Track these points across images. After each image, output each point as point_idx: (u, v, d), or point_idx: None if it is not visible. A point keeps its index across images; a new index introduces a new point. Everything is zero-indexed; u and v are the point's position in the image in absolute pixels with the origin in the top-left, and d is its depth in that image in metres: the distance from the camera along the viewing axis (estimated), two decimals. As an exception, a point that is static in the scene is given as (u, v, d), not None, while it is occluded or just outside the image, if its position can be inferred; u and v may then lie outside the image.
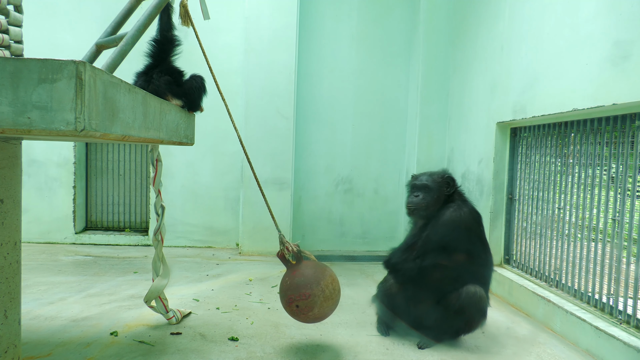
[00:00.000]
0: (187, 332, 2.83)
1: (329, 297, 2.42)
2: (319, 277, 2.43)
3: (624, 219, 2.66)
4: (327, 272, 2.50)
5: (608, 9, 2.62)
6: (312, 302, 2.39)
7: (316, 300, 2.39)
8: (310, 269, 2.48)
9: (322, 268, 2.52)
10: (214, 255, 5.06)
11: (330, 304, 2.46)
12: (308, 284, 2.40)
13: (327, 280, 2.44)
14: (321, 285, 2.40)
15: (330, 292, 2.43)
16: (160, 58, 2.61)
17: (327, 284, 2.43)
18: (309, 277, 2.43)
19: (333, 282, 2.48)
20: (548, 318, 3.11)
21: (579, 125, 3.12)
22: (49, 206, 5.32)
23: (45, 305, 3.22)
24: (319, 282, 2.41)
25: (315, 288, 2.39)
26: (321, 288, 2.40)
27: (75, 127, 1.27)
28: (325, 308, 2.45)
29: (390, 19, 5.47)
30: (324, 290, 2.41)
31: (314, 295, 2.38)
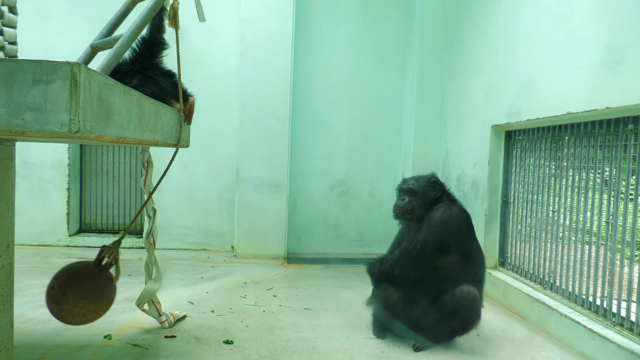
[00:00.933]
0: (181, 335, 2.82)
1: (74, 313, 2.21)
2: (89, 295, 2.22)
3: (618, 222, 2.68)
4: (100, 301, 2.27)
5: (602, 13, 2.64)
6: (59, 300, 2.19)
7: (64, 302, 2.19)
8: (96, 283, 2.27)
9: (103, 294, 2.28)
10: (209, 257, 5.04)
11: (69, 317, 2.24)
12: (77, 287, 2.21)
13: (90, 305, 2.23)
14: (82, 300, 2.20)
15: (78, 312, 2.21)
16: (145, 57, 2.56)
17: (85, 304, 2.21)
18: (86, 285, 2.23)
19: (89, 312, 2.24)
20: (543, 321, 3.12)
21: (573, 129, 3.14)
22: (42, 208, 5.28)
23: (38, 308, 3.19)
24: (84, 296, 2.21)
25: (76, 296, 2.19)
26: (77, 302, 2.19)
27: (70, 129, 1.26)
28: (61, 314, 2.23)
29: (386, 22, 5.49)
30: (77, 306, 2.19)
31: (67, 298, 2.18)
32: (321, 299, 3.70)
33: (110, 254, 2.35)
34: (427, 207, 2.85)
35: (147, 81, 2.42)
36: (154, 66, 2.56)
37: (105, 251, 2.35)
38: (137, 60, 2.52)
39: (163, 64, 2.68)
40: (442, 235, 2.68)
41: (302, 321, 3.17)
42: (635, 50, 2.38)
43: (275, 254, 5.13)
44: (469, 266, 2.75)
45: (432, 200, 2.86)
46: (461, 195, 4.52)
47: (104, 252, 2.35)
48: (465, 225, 2.78)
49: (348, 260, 5.25)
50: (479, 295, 2.73)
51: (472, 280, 2.73)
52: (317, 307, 3.50)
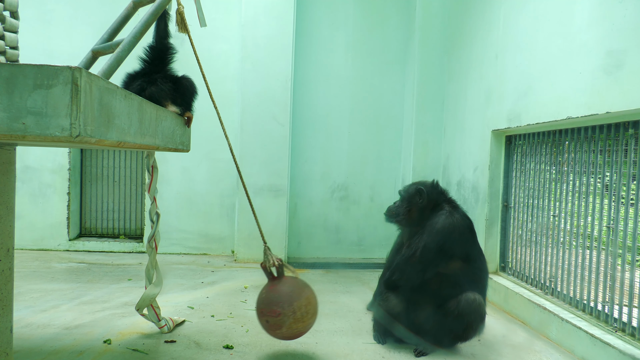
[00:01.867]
0: (181, 340, 2.81)
1: (299, 319, 2.37)
2: (293, 298, 2.39)
3: (619, 227, 2.67)
4: (304, 294, 2.44)
5: (601, 18, 2.65)
6: (281, 321, 2.35)
7: (285, 320, 2.35)
8: (287, 287, 2.44)
9: (299, 288, 2.47)
10: (209, 262, 5.03)
11: (301, 326, 2.41)
12: (280, 302, 2.37)
13: (301, 301, 2.39)
14: (293, 306, 2.36)
15: (301, 314, 2.37)
16: (155, 64, 2.60)
17: (300, 305, 2.38)
18: (284, 295, 2.39)
19: (308, 305, 2.42)
20: (544, 326, 3.10)
21: (573, 134, 3.15)
22: (42, 213, 5.28)
23: (37, 313, 3.19)
24: (291, 302, 2.37)
25: (287, 308, 2.35)
26: (293, 309, 2.35)
27: (71, 133, 1.26)
28: (294, 329, 2.40)
29: (386, 27, 5.51)
30: (295, 312, 2.35)
31: (284, 314, 2.34)
32: (321, 304, 3.66)
33: (270, 262, 2.54)
34: (417, 212, 2.85)
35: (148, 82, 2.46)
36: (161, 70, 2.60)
37: (267, 264, 2.54)
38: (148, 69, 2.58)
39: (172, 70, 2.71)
40: (444, 242, 2.66)
41: (302, 326, 3.15)
42: (634, 55, 2.39)
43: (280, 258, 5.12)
44: (472, 272, 2.74)
45: (421, 206, 2.85)
46: (462, 199, 4.52)
47: (267, 266, 2.55)
48: (468, 231, 2.76)
49: (348, 265, 5.23)
50: (483, 302, 2.73)
51: (475, 286, 2.72)
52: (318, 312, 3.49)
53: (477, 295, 2.68)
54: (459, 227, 2.70)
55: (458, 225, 2.70)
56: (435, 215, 2.77)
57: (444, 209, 2.79)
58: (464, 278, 2.70)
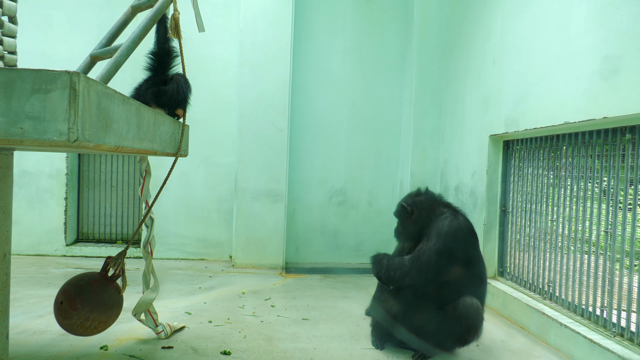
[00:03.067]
0: (178, 346, 2.79)
1: (85, 326, 2.22)
2: (99, 308, 2.23)
3: (617, 232, 2.68)
4: (109, 313, 2.29)
5: (598, 24, 2.67)
6: (70, 315, 2.19)
7: (74, 317, 2.19)
8: (105, 295, 2.28)
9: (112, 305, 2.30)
10: (206, 267, 5.02)
11: (80, 331, 2.24)
12: (87, 300, 2.21)
13: (100, 316, 2.24)
14: (92, 314, 2.21)
15: (89, 325, 2.22)
16: (158, 70, 2.61)
17: (96, 318, 2.22)
18: (95, 299, 2.23)
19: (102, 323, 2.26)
20: (542, 331, 3.10)
21: (570, 138, 3.16)
22: (39, 218, 5.26)
23: (34, 318, 3.16)
24: (94, 309, 2.21)
25: (86, 310, 2.19)
26: (88, 315, 2.20)
27: (69, 138, 1.26)
28: (73, 328, 2.23)
29: (384, 33, 5.53)
30: (88, 319, 2.20)
31: (78, 313, 2.18)
32: (320, 309, 3.68)
33: (116, 265, 2.38)
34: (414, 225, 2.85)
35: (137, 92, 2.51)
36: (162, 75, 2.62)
37: (111, 262, 2.37)
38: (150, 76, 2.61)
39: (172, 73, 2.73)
40: (452, 245, 2.65)
41: (300, 332, 3.15)
42: (631, 60, 2.40)
43: (273, 263, 5.11)
44: (472, 276, 2.74)
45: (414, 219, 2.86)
46: (460, 204, 4.51)
47: (109, 264, 2.36)
48: (471, 234, 2.77)
49: (347, 269, 5.22)
50: (482, 306, 2.72)
51: (474, 291, 2.72)
52: (316, 317, 3.48)
53: (475, 299, 2.67)
54: (464, 229, 2.70)
55: (463, 227, 2.70)
56: (438, 220, 2.74)
57: (445, 213, 2.78)
58: (463, 282, 2.69)
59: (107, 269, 2.38)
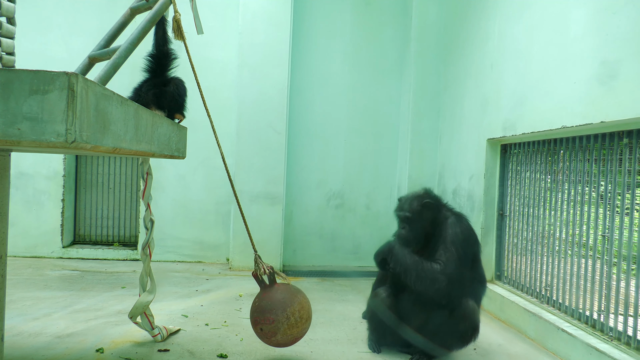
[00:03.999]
0: (174, 349, 2.78)
1: (293, 324, 2.40)
2: (286, 304, 2.42)
3: (614, 236, 2.68)
4: (297, 299, 2.47)
5: (595, 29, 2.68)
6: (275, 328, 2.38)
7: (279, 326, 2.38)
8: (280, 294, 2.47)
9: (292, 294, 2.49)
10: (203, 270, 5.00)
11: (295, 331, 2.44)
12: (274, 309, 2.40)
13: (294, 307, 2.42)
14: (287, 312, 2.39)
15: (295, 320, 2.41)
16: (157, 72, 2.62)
17: (293, 311, 2.41)
18: (276, 302, 2.42)
19: (301, 310, 2.45)
20: (540, 335, 3.10)
21: (568, 143, 3.16)
22: (36, 219, 5.24)
23: (29, 321, 3.15)
24: (285, 308, 2.40)
25: (280, 314, 2.38)
26: (286, 315, 2.39)
27: (66, 139, 1.26)
28: (288, 335, 2.42)
29: (382, 36, 5.55)
30: (289, 318, 2.39)
31: (277, 321, 2.37)
32: (316, 313, 3.67)
33: (261, 270, 2.55)
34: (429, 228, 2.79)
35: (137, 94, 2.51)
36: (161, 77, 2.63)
37: (258, 271, 2.56)
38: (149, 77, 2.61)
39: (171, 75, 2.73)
40: (469, 251, 2.66)
41: (297, 335, 3.13)
42: (628, 65, 2.41)
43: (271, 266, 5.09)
44: (474, 279, 2.74)
45: (431, 219, 2.79)
46: (457, 208, 4.49)
47: (258, 274, 2.57)
48: (476, 237, 2.80)
49: (344, 273, 5.21)
50: (478, 308, 2.72)
51: (475, 292, 2.73)
52: (313, 320, 3.47)
53: (472, 301, 2.68)
54: (473, 234, 2.74)
55: (473, 232, 2.74)
56: (446, 224, 2.71)
57: (450, 217, 2.76)
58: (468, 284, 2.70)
59: (260, 280, 2.56)
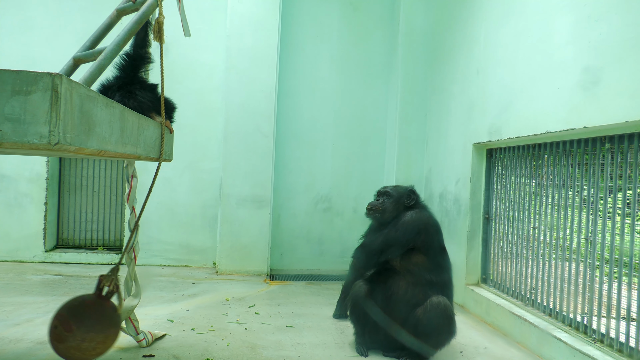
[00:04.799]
0: (160, 355, 2.74)
1: (82, 349, 2.12)
2: (95, 328, 2.15)
3: (596, 239, 2.73)
4: (107, 332, 2.20)
5: (578, 36, 2.73)
6: (65, 338, 2.10)
7: (70, 340, 2.10)
8: (100, 314, 2.21)
9: (108, 324, 2.23)
10: (190, 274, 4.95)
11: (77, 355, 2.14)
12: (82, 321, 2.14)
13: (98, 336, 2.15)
14: (88, 335, 2.12)
15: (87, 347, 2.13)
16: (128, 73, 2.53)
17: (93, 338, 2.14)
18: (91, 319, 2.16)
19: (100, 344, 2.17)
20: (525, 337, 3.13)
21: (552, 147, 3.21)
22: (18, 223, 5.13)
23: (10, 327, 3.08)
24: (90, 330, 2.13)
25: (82, 332, 2.11)
26: (84, 337, 2.11)
27: (49, 141, 1.23)
28: (69, 353, 2.14)
29: (370, 41, 5.58)
30: (84, 341, 2.11)
31: (73, 335, 2.10)
32: (304, 317, 3.65)
33: (110, 282, 2.30)
34: (399, 211, 2.96)
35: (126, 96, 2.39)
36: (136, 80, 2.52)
37: (105, 280, 2.29)
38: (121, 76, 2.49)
39: (147, 78, 2.66)
40: (409, 231, 2.79)
41: (284, 339, 3.12)
42: (610, 72, 2.47)
43: (258, 270, 5.07)
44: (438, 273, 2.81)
45: (404, 207, 2.97)
46: (444, 211, 4.56)
47: (103, 282, 2.29)
48: (434, 228, 2.87)
49: (332, 276, 5.21)
50: (450, 303, 2.78)
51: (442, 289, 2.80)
52: (300, 324, 3.46)
53: (442, 297, 2.74)
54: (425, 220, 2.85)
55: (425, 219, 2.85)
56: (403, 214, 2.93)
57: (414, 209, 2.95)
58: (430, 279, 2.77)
59: (100, 287, 2.30)
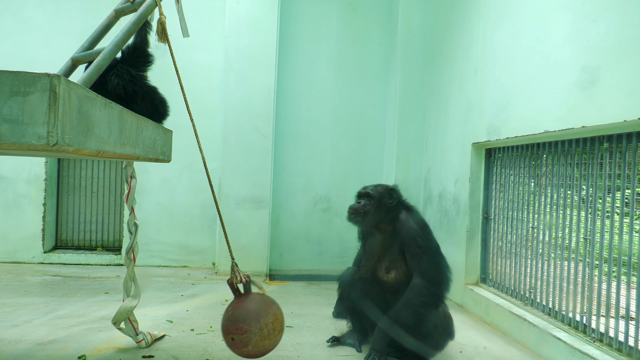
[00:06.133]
0: (159, 355, 2.74)
1: (266, 336, 2.33)
2: (260, 314, 2.35)
3: (595, 239, 2.73)
4: (271, 310, 2.41)
5: (576, 36, 2.74)
6: (247, 339, 2.30)
7: (252, 337, 2.30)
8: (254, 304, 2.40)
9: (266, 305, 2.43)
10: (189, 274, 4.95)
11: (267, 343, 2.36)
12: (247, 319, 2.33)
13: (268, 318, 2.35)
14: (260, 323, 2.32)
15: (268, 331, 2.34)
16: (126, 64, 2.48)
17: (267, 322, 2.34)
18: (250, 312, 2.35)
19: (275, 322, 2.38)
20: (524, 337, 3.13)
21: (550, 147, 3.22)
22: (16, 224, 5.13)
23: (9, 328, 3.07)
24: (259, 319, 2.33)
25: (254, 325, 2.31)
26: (259, 326, 2.31)
27: (48, 142, 1.23)
28: (260, 347, 2.35)
29: (368, 41, 5.58)
30: (262, 329, 2.32)
31: (250, 331, 2.30)
32: (303, 317, 3.65)
33: (237, 278, 2.48)
34: (383, 213, 2.85)
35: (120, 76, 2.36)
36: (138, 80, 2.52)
37: (234, 280, 2.49)
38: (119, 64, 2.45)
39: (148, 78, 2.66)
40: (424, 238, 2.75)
41: (283, 339, 3.11)
42: (608, 71, 2.47)
43: (257, 270, 5.07)
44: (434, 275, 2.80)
45: (387, 209, 2.86)
46: (443, 211, 4.56)
47: (233, 283, 2.49)
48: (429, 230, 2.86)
49: (331, 277, 5.20)
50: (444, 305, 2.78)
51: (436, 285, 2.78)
52: (300, 324, 3.46)
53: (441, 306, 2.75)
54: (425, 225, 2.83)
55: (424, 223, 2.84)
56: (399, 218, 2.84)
57: (402, 212, 2.87)
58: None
59: (236, 289, 2.49)
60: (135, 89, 2.41)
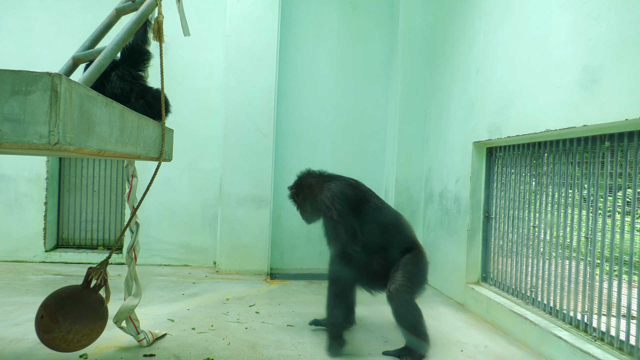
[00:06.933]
0: (160, 354, 2.74)
1: (68, 340, 2.16)
2: (82, 320, 2.18)
3: (596, 237, 2.73)
4: (92, 325, 2.23)
5: (578, 35, 2.73)
6: (51, 329, 2.13)
7: (55, 331, 2.13)
8: (87, 307, 2.23)
9: (95, 316, 2.25)
10: (190, 273, 4.95)
11: (63, 346, 2.19)
12: (68, 313, 2.15)
13: (83, 329, 2.18)
14: (74, 327, 2.15)
15: (72, 339, 2.16)
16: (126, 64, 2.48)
17: (79, 330, 2.16)
18: (77, 310, 2.18)
19: (85, 336, 2.21)
20: (525, 336, 3.13)
21: (551, 146, 3.21)
22: (18, 223, 5.13)
23: (10, 326, 3.08)
24: (76, 322, 2.16)
25: (68, 323, 2.13)
26: (70, 329, 2.14)
27: (49, 141, 1.23)
28: (55, 344, 2.17)
29: (369, 40, 5.58)
30: (69, 333, 2.14)
31: (59, 326, 2.13)
32: (304, 316, 3.65)
33: (98, 275, 2.31)
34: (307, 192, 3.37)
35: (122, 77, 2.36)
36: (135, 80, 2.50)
37: (93, 273, 2.31)
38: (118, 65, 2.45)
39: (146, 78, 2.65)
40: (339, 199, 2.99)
41: (285, 338, 3.12)
42: (609, 70, 2.46)
43: (258, 270, 5.08)
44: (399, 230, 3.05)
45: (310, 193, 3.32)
46: (444, 210, 4.56)
47: (91, 274, 2.30)
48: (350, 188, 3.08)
49: (332, 276, 5.20)
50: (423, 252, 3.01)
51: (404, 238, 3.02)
52: (301, 323, 3.46)
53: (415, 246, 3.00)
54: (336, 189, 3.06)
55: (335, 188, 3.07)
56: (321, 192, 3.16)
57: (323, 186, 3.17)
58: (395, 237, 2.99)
59: (89, 280, 2.32)
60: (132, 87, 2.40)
